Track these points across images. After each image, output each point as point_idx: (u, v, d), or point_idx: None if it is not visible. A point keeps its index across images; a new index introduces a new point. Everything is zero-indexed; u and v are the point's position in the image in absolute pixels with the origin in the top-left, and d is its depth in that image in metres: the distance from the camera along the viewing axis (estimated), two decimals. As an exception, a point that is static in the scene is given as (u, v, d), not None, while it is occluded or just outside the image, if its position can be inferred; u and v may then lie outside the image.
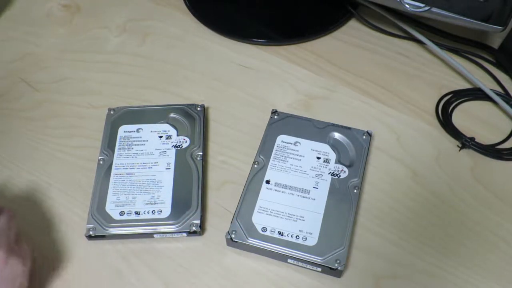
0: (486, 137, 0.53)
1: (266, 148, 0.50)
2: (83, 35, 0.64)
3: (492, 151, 0.52)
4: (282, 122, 0.52)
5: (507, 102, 0.54)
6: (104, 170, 0.49)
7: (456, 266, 0.45)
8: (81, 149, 0.53)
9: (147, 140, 0.51)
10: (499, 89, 0.57)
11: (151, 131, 0.52)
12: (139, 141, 0.51)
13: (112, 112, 0.54)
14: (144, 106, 0.55)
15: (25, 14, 0.67)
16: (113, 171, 0.49)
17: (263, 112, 0.54)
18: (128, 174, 0.49)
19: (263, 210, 0.46)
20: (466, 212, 0.48)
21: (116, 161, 0.50)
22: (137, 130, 0.52)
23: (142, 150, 0.51)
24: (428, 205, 0.49)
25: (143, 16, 0.66)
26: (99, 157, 0.50)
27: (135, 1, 0.68)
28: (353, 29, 0.64)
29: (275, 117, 0.53)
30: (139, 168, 0.49)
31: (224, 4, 0.67)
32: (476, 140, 0.52)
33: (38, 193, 0.50)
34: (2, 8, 0.68)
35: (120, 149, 0.51)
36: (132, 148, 0.51)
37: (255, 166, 0.49)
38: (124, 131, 0.52)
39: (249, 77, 0.59)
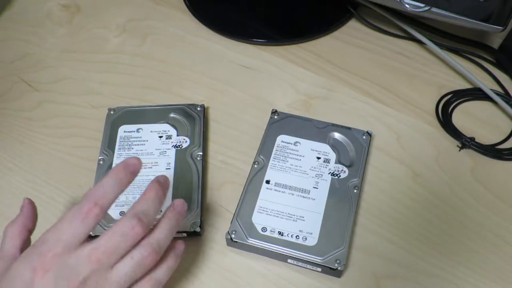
0: (486, 137, 0.53)
1: (266, 148, 0.50)
2: (83, 35, 0.64)
3: (492, 151, 0.52)
4: (282, 122, 0.52)
5: (507, 102, 0.54)
6: (104, 170, 0.49)
7: (456, 266, 0.45)
8: (81, 149, 0.53)
9: (147, 140, 0.51)
10: (499, 89, 0.57)
11: (151, 131, 0.52)
12: (139, 141, 0.51)
13: (112, 112, 0.54)
14: (144, 106, 0.55)
15: (25, 14, 0.67)
16: (113, 171, 0.49)
17: (263, 112, 0.54)
18: (128, 174, 0.49)
19: (263, 210, 0.46)
20: (466, 212, 0.48)
21: (116, 161, 0.50)
22: (137, 130, 0.52)
23: (142, 150, 0.51)
24: (428, 205, 0.49)
25: (143, 16, 0.66)
26: (99, 157, 0.50)
27: (135, 1, 0.68)
28: (353, 29, 0.64)
29: (275, 117, 0.53)
30: (139, 168, 0.49)
31: (224, 4, 0.67)
32: (476, 140, 0.52)
33: (38, 193, 0.50)
34: (2, 8, 0.68)
35: (120, 149, 0.51)
36: (132, 148, 0.51)
37: (255, 166, 0.49)
38: (124, 131, 0.52)
39: (249, 77, 0.59)
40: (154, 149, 0.51)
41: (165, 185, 0.38)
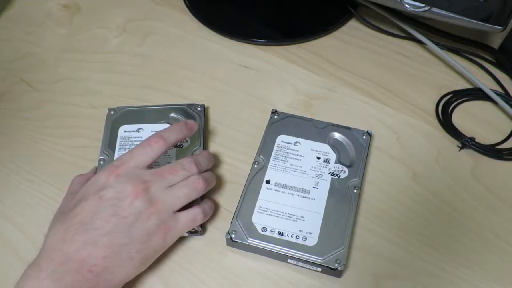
0: (486, 137, 0.53)
1: (266, 148, 0.50)
2: (83, 35, 0.65)
3: (492, 151, 0.52)
4: (282, 122, 0.52)
5: (507, 102, 0.54)
6: (104, 170, 0.49)
7: (456, 266, 0.45)
8: (81, 149, 0.53)
9: (147, 140, 0.51)
10: (499, 89, 0.57)
11: (151, 131, 0.52)
12: (139, 141, 0.51)
13: (112, 112, 0.54)
14: (144, 106, 0.55)
15: (25, 14, 0.67)
16: (113, 171, 0.49)
17: (263, 112, 0.54)
18: (128, 174, 0.49)
19: (263, 210, 0.46)
20: (466, 212, 0.48)
21: (116, 161, 0.50)
22: (138, 130, 0.52)
23: (142, 150, 0.51)
24: (428, 205, 0.49)
25: (143, 16, 0.66)
26: (100, 157, 0.50)
27: (135, 1, 0.68)
28: (353, 29, 0.64)
29: (275, 117, 0.53)
30: (139, 168, 0.49)
31: (224, 4, 0.67)
32: (476, 140, 0.52)
33: (38, 193, 0.50)
34: (2, 8, 0.68)
35: (120, 149, 0.51)
36: (132, 148, 0.51)
37: (255, 166, 0.49)
38: (125, 131, 0.52)
39: (249, 77, 0.59)
40: (154, 149, 0.51)
41: (210, 159, 0.48)
